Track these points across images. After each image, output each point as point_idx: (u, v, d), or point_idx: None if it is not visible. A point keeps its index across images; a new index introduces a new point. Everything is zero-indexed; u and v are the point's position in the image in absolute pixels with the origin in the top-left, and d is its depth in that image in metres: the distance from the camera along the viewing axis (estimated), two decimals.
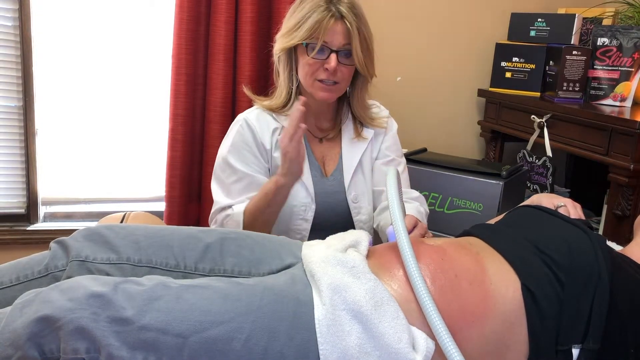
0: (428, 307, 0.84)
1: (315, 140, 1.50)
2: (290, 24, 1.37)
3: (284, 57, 1.41)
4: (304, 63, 1.37)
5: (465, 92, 2.37)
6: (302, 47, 1.36)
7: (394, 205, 0.97)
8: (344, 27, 1.33)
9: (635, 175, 1.56)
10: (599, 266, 0.91)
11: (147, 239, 1.04)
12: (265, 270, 1.04)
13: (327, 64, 1.34)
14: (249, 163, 1.42)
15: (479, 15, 2.31)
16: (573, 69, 1.93)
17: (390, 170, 1.05)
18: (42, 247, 1.10)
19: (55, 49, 2.06)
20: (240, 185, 1.42)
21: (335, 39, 1.34)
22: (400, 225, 0.94)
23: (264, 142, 1.43)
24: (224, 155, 1.44)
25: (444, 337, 0.82)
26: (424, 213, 1.48)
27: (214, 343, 0.80)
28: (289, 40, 1.36)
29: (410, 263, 0.88)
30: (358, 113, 1.50)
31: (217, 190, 1.46)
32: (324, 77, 1.37)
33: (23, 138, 2.05)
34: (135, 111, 2.17)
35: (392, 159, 1.53)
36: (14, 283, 1.01)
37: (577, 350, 0.87)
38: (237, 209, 1.39)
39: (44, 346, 0.79)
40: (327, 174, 1.48)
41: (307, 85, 1.41)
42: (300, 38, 1.34)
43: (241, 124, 1.44)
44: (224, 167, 1.44)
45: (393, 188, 1.00)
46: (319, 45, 1.33)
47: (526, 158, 2.12)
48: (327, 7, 1.33)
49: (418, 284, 0.86)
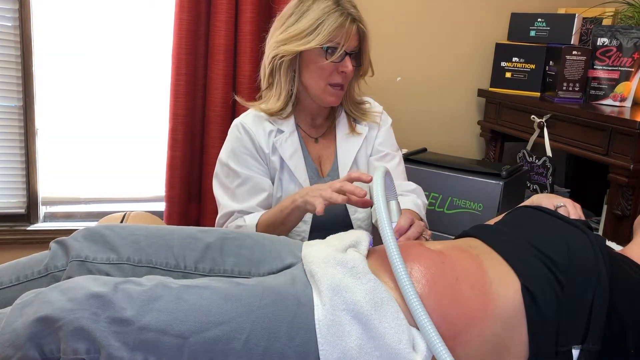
0: (415, 306, 0.84)
1: (311, 140, 1.50)
2: (301, 27, 1.34)
3: (288, 60, 1.37)
4: (318, 67, 1.35)
5: (465, 92, 2.37)
6: (316, 51, 1.34)
7: (380, 210, 0.94)
8: (357, 30, 1.35)
9: (635, 175, 1.56)
10: (598, 267, 0.91)
11: (147, 239, 1.04)
12: (265, 270, 1.04)
13: (343, 67, 1.34)
14: (250, 166, 1.42)
15: (479, 15, 2.31)
16: (573, 69, 1.93)
17: (377, 170, 1.04)
18: (42, 247, 1.10)
19: (55, 49, 2.06)
20: (245, 189, 1.41)
21: (351, 43, 1.35)
22: (388, 229, 0.92)
23: (262, 145, 1.42)
24: (225, 161, 1.44)
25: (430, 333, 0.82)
26: (422, 205, 1.46)
27: (214, 343, 0.80)
28: (304, 43, 1.33)
29: (396, 263, 0.87)
30: (350, 109, 1.50)
31: (222, 194, 1.45)
32: (339, 80, 1.37)
33: (23, 138, 2.05)
34: (135, 111, 2.17)
35: (385, 154, 1.52)
36: (13, 283, 1.01)
37: (577, 351, 0.86)
38: (250, 220, 1.37)
39: (44, 347, 0.79)
40: (324, 174, 1.48)
41: (317, 90, 1.39)
42: (320, 42, 1.32)
43: (238, 129, 1.43)
44: (227, 172, 1.44)
45: (380, 192, 0.97)
46: (342, 49, 1.32)
47: (526, 158, 2.12)
48: (341, 11, 1.32)
49: (405, 284, 0.85)
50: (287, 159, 1.42)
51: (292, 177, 1.43)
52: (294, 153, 1.43)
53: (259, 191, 1.41)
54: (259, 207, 1.42)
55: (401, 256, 0.88)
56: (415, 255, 0.95)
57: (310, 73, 1.38)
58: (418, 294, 0.85)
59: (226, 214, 1.43)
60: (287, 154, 1.42)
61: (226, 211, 1.43)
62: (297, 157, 1.44)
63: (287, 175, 1.43)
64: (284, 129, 1.43)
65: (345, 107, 1.50)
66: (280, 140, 1.42)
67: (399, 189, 1.45)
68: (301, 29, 1.33)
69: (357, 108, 1.51)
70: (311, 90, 1.40)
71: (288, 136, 1.43)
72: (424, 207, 1.48)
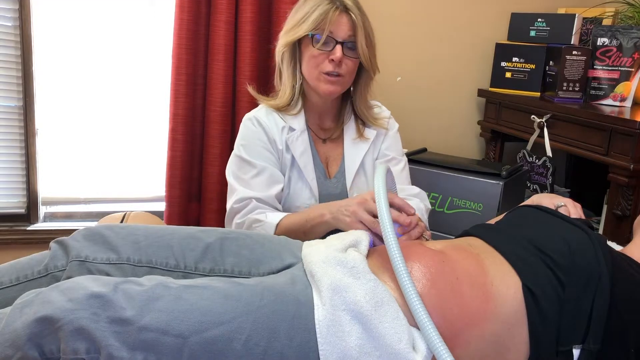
0: (415, 305, 0.84)
1: (319, 141, 1.51)
2: (294, 20, 1.39)
3: (287, 53, 1.41)
4: (309, 55, 1.38)
5: (465, 92, 2.37)
6: (307, 40, 1.37)
7: (382, 208, 0.95)
8: (349, 19, 1.36)
9: (635, 175, 1.56)
10: (599, 266, 0.91)
11: (147, 239, 1.04)
12: (265, 270, 1.04)
13: (332, 54, 1.35)
14: (265, 158, 1.42)
15: (479, 15, 2.31)
16: (573, 69, 1.93)
17: (378, 168, 1.04)
18: (42, 247, 1.10)
19: (55, 49, 2.06)
20: (261, 179, 1.40)
21: (340, 30, 1.35)
22: (389, 228, 0.92)
23: (276, 139, 1.43)
24: (239, 153, 1.44)
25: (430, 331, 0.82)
26: (424, 209, 1.47)
27: (214, 343, 0.80)
28: (294, 33, 1.37)
29: (397, 261, 0.87)
30: (361, 112, 1.50)
31: (236, 184, 1.42)
32: (330, 68, 1.37)
33: (23, 138, 2.05)
34: (135, 111, 2.17)
35: (391, 157, 1.53)
36: (13, 283, 1.01)
37: (578, 350, 0.87)
38: (271, 219, 1.35)
39: (44, 346, 0.79)
40: (330, 176, 1.49)
41: (311, 79, 1.41)
42: (306, 30, 1.35)
43: (252, 122, 1.44)
44: (240, 164, 1.43)
45: (382, 191, 0.97)
46: (325, 35, 1.34)
47: (526, 158, 2.12)
48: (332, 1, 1.35)
49: (405, 283, 0.85)
50: (298, 157, 1.43)
51: (301, 175, 1.44)
52: (304, 152, 1.44)
53: (274, 182, 1.41)
54: (276, 199, 1.41)
55: (402, 255, 0.88)
56: (416, 255, 0.95)
57: (305, 63, 1.40)
58: (418, 293, 0.85)
59: (242, 199, 1.39)
60: (297, 152, 1.43)
61: (242, 196, 1.40)
62: (307, 157, 1.45)
63: (296, 173, 1.44)
64: (295, 127, 1.44)
65: (357, 109, 1.51)
66: (292, 138, 1.43)
67: (403, 193, 1.46)
68: (295, 21, 1.38)
69: (369, 112, 1.52)
70: (308, 81, 1.42)
71: (299, 135, 1.44)
72: (427, 211, 1.49)
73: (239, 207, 1.40)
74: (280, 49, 1.42)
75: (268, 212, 1.38)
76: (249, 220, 1.38)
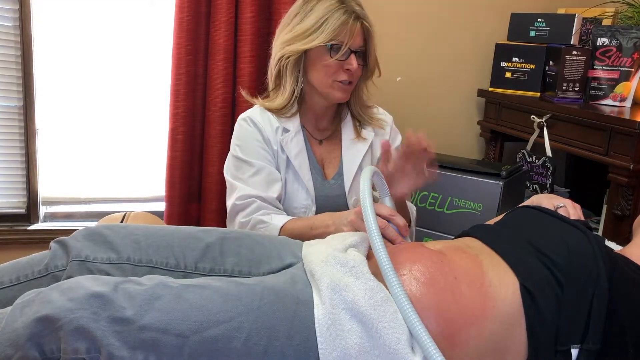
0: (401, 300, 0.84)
1: (315, 142, 1.50)
2: (305, 26, 1.35)
3: (294, 60, 1.38)
4: (323, 64, 1.36)
5: (465, 92, 2.37)
6: (320, 49, 1.35)
7: (367, 213, 0.94)
8: (362, 28, 1.36)
9: (635, 175, 1.56)
10: (597, 267, 0.91)
11: (148, 239, 1.04)
12: (265, 269, 1.04)
13: (348, 65, 1.35)
14: (262, 157, 1.41)
15: (479, 15, 2.31)
16: (573, 69, 1.93)
17: (364, 172, 1.03)
18: (42, 247, 1.10)
19: (55, 49, 2.06)
20: (259, 178, 1.40)
21: (356, 41, 1.35)
22: (375, 231, 0.91)
23: (270, 139, 1.43)
24: (235, 153, 1.43)
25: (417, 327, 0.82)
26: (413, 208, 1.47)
27: (214, 342, 0.81)
28: (309, 42, 1.34)
29: (385, 266, 0.87)
30: (357, 111, 1.50)
31: (235, 183, 1.42)
32: (345, 78, 1.37)
33: (23, 138, 2.05)
34: (135, 111, 2.17)
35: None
36: (14, 283, 1.01)
37: (576, 350, 0.87)
38: (276, 221, 1.35)
39: (44, 346, 0.80)
40: (328, 177, 1.48)
41: (323, 87, 1.40)
42: (323, 40, 1.33)
43: (247, 122, 1.44)
44: (238, 164, 1.43)
45: (367, 190, 0.97)
46: (346, 47, 1.33)
47: (526, 158, 2.12)
48: (344, 8, 1.34)
49: (393, 283, 0.85)
50: (293, 158, 1.42)
51: (297, 176, 1.43)
52: (299, 153, 1.44)
53: (273, 180, 1.41)
54: (277, 199, 1.41)
55: (389, 259, 0.87)
56: (414, 255, 0.95)
57: (316, 72, 1.39)
58: (413, 293, 0.86)
59: (244, 196, 1.38)
60: (292, 153, 1.43)
61: (244, 193, 1.39)
62: (302, 157, 1.44)
63: (292, 174, 1.43)
64: (290, 127, 1.44)
65: (353, 109, 1.50)
66: (286, 139, 1.43)
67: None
68: (305, 28, 1.35)
69: (365, 111, 1.51)
70: (318, 88, 1.41)
71: (294, 135, 1.44)
72: (412, 214, 1.47)
73: (242, 204, 1.39)
74: (286, 54, 1.38)
75: (273, 214, 1.38)
76: (253, 221, 1.37)
